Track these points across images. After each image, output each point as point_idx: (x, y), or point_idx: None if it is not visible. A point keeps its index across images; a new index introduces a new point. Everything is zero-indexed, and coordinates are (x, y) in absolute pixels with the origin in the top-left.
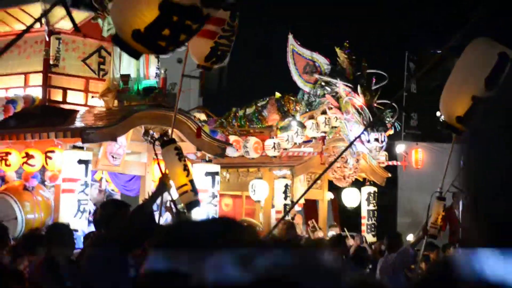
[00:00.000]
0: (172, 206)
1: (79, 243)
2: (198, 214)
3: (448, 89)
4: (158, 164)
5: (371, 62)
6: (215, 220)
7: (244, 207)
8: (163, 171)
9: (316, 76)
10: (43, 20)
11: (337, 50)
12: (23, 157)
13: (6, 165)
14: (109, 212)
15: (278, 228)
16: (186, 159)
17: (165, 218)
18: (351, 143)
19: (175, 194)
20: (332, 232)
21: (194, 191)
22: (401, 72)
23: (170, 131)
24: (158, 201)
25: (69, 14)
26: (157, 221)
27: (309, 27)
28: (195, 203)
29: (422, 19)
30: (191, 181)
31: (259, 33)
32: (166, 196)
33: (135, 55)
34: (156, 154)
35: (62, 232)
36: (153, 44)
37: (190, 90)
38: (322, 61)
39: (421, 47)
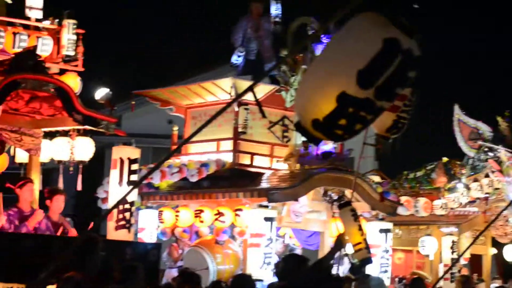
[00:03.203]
0: (349, 260)
1: None
2: (372, 268)
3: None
4: (336, 222)
5: None
6: None
7: (414, 261)
8: (340, 230)
9: (480, 142)
10: (233, 93)
11: (499, 119)
12: (215, 214)
13: (200, 221)
14: (290, 265)
15: (456, 281)
16: (361, 219)
17: (342, 270)
18: (509, 204)
19: (350, 250)
20: (495, 285)
21: (368, 249)
22: None
23: (347, 192)
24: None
25: (258, 103)
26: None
27: (473, 97)
28: (368, 260)
29: None
30: (365, 240)
31: (427, 103)
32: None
33: (315, 141)
34: (334, 213)
35: (245, 282)
36: (331, 132)
37: (368, 157)
38: (485, 129)
39: None
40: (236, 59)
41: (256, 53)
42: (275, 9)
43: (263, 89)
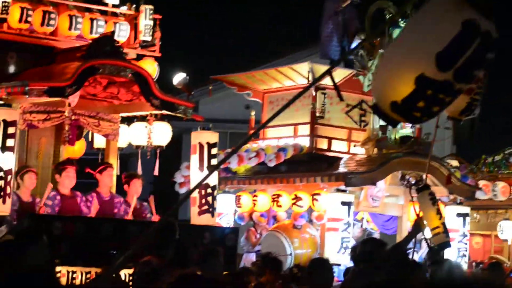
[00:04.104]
0: (427, 244)
1: (341, 277)
2: (450, 253)
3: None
4: (414, 206)
5: None
6: None
7: (492, 245)
8: (418, 214)
9: None
10: (310, 77)
11: None
12: (292, 199)
13: (277, 205)
14: (368, 249)
15: None
16: (439, 203)
17: (419, 255)
18: None
19: (428, 234)
20: None
21: (446, 233)
22: None
23: (424, 177)
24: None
25: (335, 87)
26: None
27: None
28: (446, 244)
29: None
30: (443, 224)
31: (505, 87)
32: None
33: (393, 123)
34: (412, 197)
35: (322, 266)
36: (409, 114)
37: (445, 141)
38: None
39: None
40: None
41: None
42: None
43: (341, 74)
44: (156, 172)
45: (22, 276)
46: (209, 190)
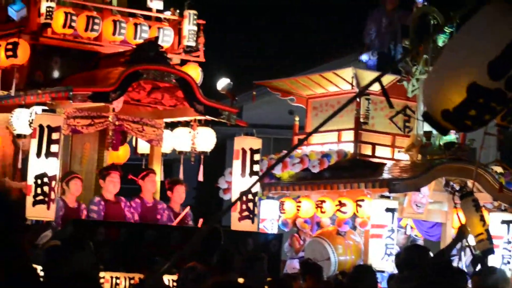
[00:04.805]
0: (470, 251)
1: (385, 283)
2: (494, 260)
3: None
4: (458, 213)
5: None
6: None
7: None
8: (462, 220)
9: None
10: (354, 83)
11: None
12: (336, 205)
13: (321, 212)
14: (412, 255)
15: None
16: (482, 209)
17: (463, 262)
18: None
19: (472, 241)
20: None
21: (489, 239)
22: None
23: (469, 183)
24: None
25: (385, 94)
26: (456, 264)
27: None
28: (490, 251)
29: None
30: (487, 231)
31: None
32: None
33: (443, 131)
34: (455, 204)
35: (366, 273)
36: (460, 123)
37: (490, 148)
38: None
39: None
40: (367, 59)
41: (389, 47)
42: None
43: (385, 79)
44: (200, 178)
45: (68, 281)
46: (250, 196)
